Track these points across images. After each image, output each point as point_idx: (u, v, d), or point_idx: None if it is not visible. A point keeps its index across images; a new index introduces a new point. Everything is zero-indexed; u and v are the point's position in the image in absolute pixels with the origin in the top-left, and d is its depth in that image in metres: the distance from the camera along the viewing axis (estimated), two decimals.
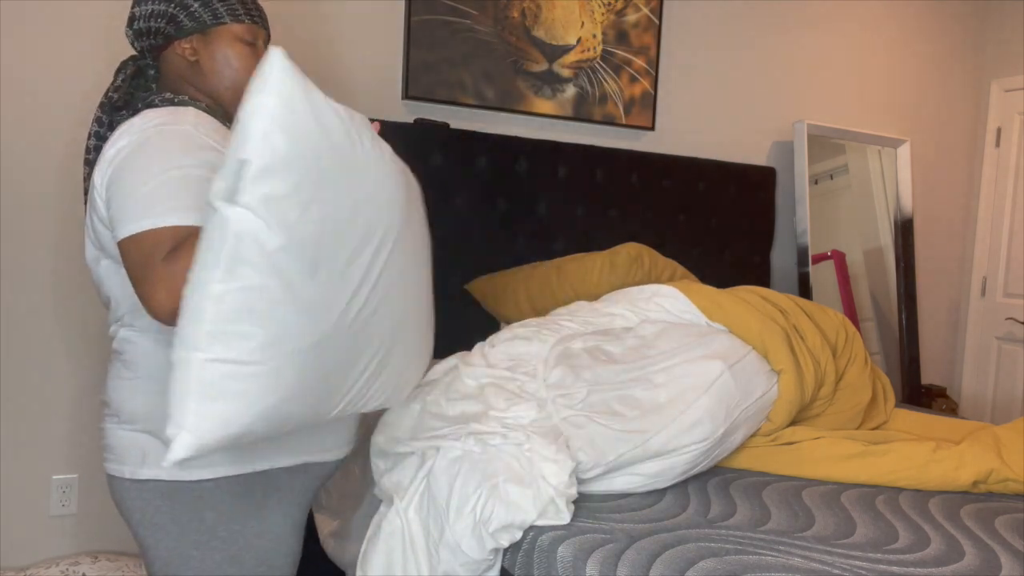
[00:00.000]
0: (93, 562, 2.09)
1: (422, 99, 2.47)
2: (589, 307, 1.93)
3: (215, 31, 1.34)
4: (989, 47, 3.88)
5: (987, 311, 3.89)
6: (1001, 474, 1.65)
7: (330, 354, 1.10)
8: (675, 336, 1.75)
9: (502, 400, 1.54)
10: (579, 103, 2.75)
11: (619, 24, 2.79)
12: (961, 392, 3.98)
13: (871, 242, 3.53)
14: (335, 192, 1.04)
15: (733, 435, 1.65)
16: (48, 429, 2.10)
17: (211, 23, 1.33)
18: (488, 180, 2.54)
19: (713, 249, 3.07)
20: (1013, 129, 3.80)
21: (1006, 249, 3.82)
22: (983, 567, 1.27)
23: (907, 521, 1.46)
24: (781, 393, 1.75)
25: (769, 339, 1.77)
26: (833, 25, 3.41)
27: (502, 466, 1.38)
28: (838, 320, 2.03)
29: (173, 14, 1.32)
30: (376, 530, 1.45)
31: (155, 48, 1.35)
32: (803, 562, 1.23)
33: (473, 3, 2.51)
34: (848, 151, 3.44)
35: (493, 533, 1.32)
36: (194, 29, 1.32)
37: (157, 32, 1.33)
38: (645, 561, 1.22)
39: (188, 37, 1.33)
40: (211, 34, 1.34)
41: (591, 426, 1.51)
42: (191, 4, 1.32)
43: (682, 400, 1.57)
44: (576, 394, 1.56)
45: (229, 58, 1.35)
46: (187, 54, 1.33)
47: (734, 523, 1.41)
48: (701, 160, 3.01)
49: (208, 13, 1.32)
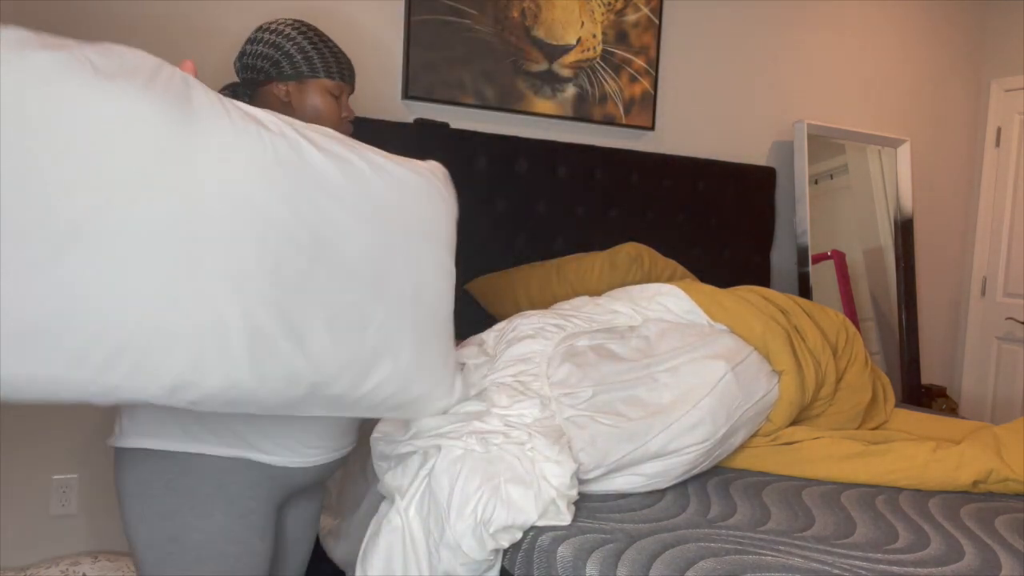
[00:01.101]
0: (93, 562, 2.09)
1: (422, 99, 2.47)
2: (592, 303, 1.92)
3: (309, 82, 1.55)
4: (989, 47, 3.88)
5: (987, 311, 3.89)
6: (1001, 474, 1.65)
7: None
8: (678, 336, 1.75)
9: (505, 397, 1.54)
10: (579, 103, 2.75)
11: (619, 24, 2.79)
12: (961, 392, 3.98)
13: (871, 242, 3.53)
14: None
15: (734, 436, 1.65)
16: (48, 429, 2.10)
17: (307, 74, 1.54)
18: (488, 180, 2.54)
19: (713, 249, 3.07)
20: (1013, 129, 3.80)
21: (1006, 249, 3.82)
22: (983, 567, 1.27)
23: (907, 521, 1.46)
24: (782, 394, 1.75)
25: (771, 340, 1.77)
26: (833, 25, 3.41)
27: (504, 467, 1.38)
28: (839, 320, 2.03)
29: (277, 59, 1.53)
30: (376, 529, 1.45)
31: (255, 82, 1.56)
32: (803, 562, 1.23)
33: (473, 3, 2.51)
34: (848, 151, 3.44)
35: (494, 534, 1.32)
36: (292, 77, 1.53)
37: (260, 70, 1.54)
38: (645, 561, 1.22)
39: (286, 82, 1.54)
40: (306, 83, 1.55)
41: (594, 426, 1.51)
42: (295, 55, 1.53)
43: (686, 401, 1.57)
44: (581, 394, 1.56)
45: (317, 107, 1.56)
46: (282, 95, 1.54)
47: (734, 523, 1.41)
48: (701, 160, 3.01)
49: (307, 66, 1.54)
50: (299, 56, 1.54)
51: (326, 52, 1.56)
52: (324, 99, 1.57)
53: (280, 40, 1.55)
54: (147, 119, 0.96)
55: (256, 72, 1.55)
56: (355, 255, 1.18)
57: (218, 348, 1.03)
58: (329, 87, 1.57)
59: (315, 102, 1.56)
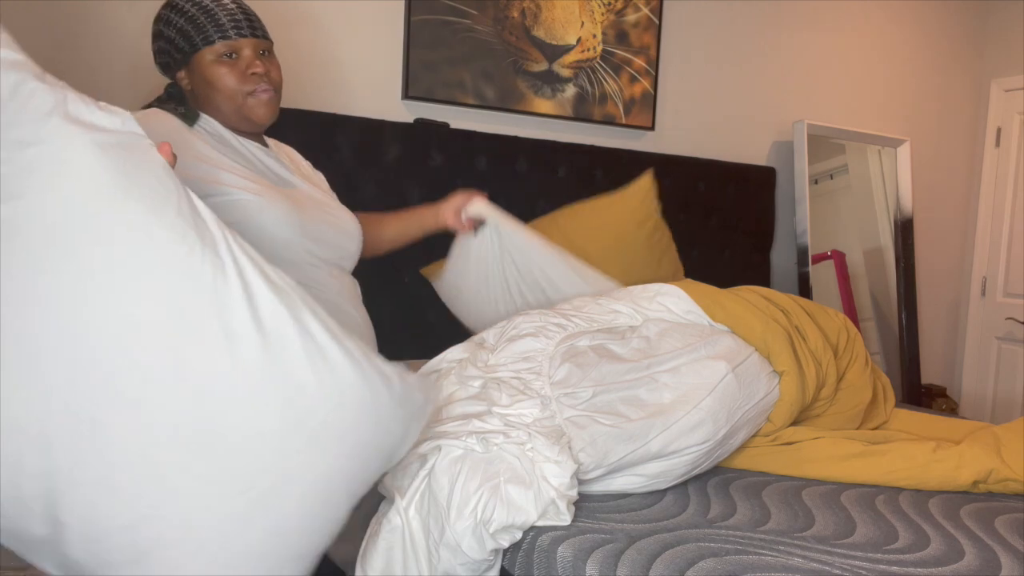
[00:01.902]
0: None
1: (422, 99, 2.47)
2: (593, 302, 1.92)
3: (194, 59, 1.38)
4: (989, 47, 3.88)
5: (987, 311, 3.89)
6: (1001, 474, 1.65)
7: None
8: (679, 336, 1.75)
9: (506, 396, 1.54)
10: (579, 103, 2.75)
11: (619, 24, 2.79)
12: (961, 392, 3.98)
13: (871, 242, 3.53)
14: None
15: (734, 436, 1.65)
16: None
17: (189, 51, 1.37)
18: (488, 180, 2.54)
19: (713, 249, 3.07)
20: (1013, 129, 3.80)
21: (1006, 249, 3.82)
22: (983, 567, 1.27)
23: (907, 521, 1.46)
24: (783, 395, 1.75)
25: (772, 340, 1.77)
26: (833, 25, 3.41)
27: (504, 466, 1.38)
28: (840, 321, 2.03)
29: (164, 48, 1.39)
30: (376, 529, 1.45)
31: (174, 79, 1.45)
32: (803, 562, 1.23)
33: (473, 3, 2.51)
34: (848, 151, 3.44)
35: (494, 534, 1.32)
36: (181, 63, 1.39)
37: (162, 67, 1.43)
38: (645, 561, 1.22)
39: (181, 69, 1.40)
40: (192, 64, 1.39)
41: (594, 427, 1.51)
42: (174, 37, 1.37)
43: (686, 401, 1.57)
44: (581, 394, 1.56)
45: (212, 82, 1.38)
46: (185, 85, 1.42)
47: (734, 523, 1.41)
48: (701, 160, 3.01)
49: (186, 43, 1.36)
50: (176, 36, 1.36)
51: (197, 17, 1.35)
52: (213, 70, 1.37)
53: (159, 28, 1.38)
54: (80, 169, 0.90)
55: (165, 70, 1.42)
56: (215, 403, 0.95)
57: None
58: (218, 52, 1.36)
59: (206, 77, 1.38)
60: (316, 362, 0.97)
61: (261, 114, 1.45)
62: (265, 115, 1.46)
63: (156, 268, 0.91)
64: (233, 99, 1.41)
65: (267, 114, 1.46)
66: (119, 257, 0.90)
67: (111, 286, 0.90)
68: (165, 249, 0.92)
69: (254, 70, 1.39)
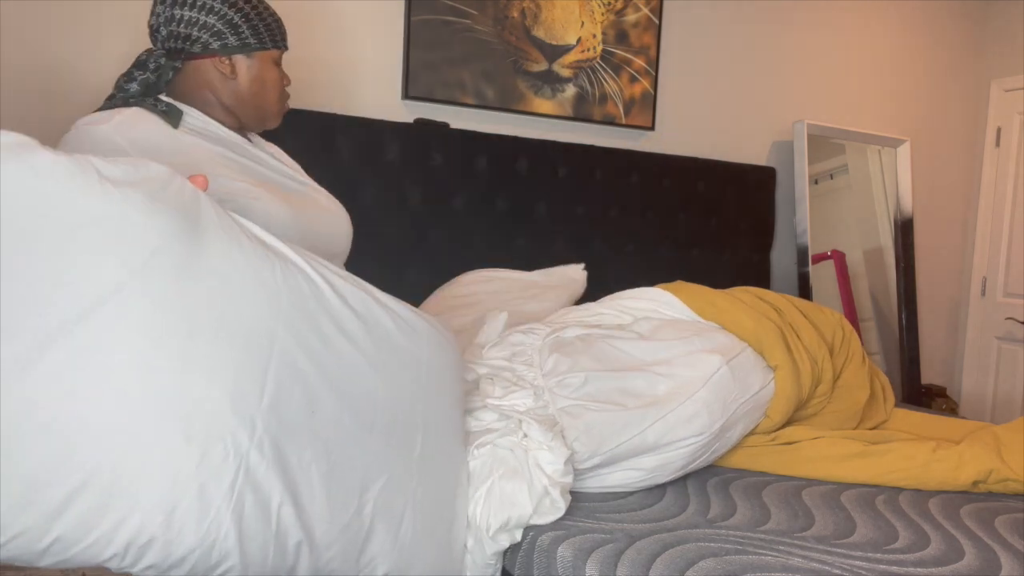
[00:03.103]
0: None
1: (422, 99, 2.47)
2: (575, 309, 1.94)
3: (259, 54, 1.41)
4: (989, 47, 3.88)
5: (987, 311, 3.89)
6: (1001, 474, 1.65)
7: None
8: (672, 331, 1.76)
9: (499, 388, 1.55)
10: (579, 103, 2.75)
11: (619, 24, 2.79)
12: (961, 392, 3.98)
13: (871, 242, 3.53)
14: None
15: (731, 431, 1.66)
16: None
17: (256, 47, 1.39)
18: (488, 180, 2.54)
19: (713, 249, 3.07)
20: (1013, 129, 3.80)
21: (1006, 249, 3.82)
22: (983, 567, 1.27)
23: (907, 521, 1.46)
24: (778, 389, 1.76)
25: (764, 335, 1.78)
26: (833, 25, 3.41)
27: (497, 463, 1.38)
28: (835, 319, 2.04)
29: (220, 30, 1.35)
30: None
31: (184, 54, 1.36)
32: (803, 562, 1.23)
33: (473, 3, 2.51)
34: (848, 151, 3.44)
35: (494, 536, 1.33)
36: (237, 49, 1.37)
37: (195, 40, 1.35)
38: (645, 561, 1.22)
39: (230, 55, 1.38)
40: (255, 57, 1.41)
41: (587, 415, 1.51)
42: (241, 26, 1.36)
43: (681, 393, 1.57)
44: (572, 381, 1.57)
45: (265, 82, 1.43)
46: (225, 70, 1.38)
47: (734, 523, 1.41)
48: (701, 160, 3.01)
49: (255, 38, 1.39)
50: (245, 26, 1.37)
51: (268, 18, 1.42)
52: (273, 72, 1.44)
53: (221, 7, 1.35)
54: (148, 230, 0.88)
55: (189, 42, 1.35)
56: (365, 401, 1.06)
57: (199, 494, 0.87)
58: (275, 57, 1.44)
59: (264, 77, 1.42)
60: (400, 325, 1.15)
61: (279, 120, 1.54)
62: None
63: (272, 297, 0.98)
64: (278, 102, 1.49)
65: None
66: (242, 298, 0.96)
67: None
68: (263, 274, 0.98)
69: (287, 83, 1.50)
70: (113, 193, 0.87)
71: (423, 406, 1.18)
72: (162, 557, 0.87)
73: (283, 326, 0.97)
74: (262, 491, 0.92)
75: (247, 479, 0.91)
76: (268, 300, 0.97)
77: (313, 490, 0.98)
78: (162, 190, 0.92)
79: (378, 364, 1.09)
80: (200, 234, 0.93)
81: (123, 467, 0.84)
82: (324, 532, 0.99)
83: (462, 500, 1.29)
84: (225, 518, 0.89)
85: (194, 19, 1.33)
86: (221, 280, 0.94)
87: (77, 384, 0.83)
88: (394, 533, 1.10)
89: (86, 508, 0.83)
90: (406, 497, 1.12)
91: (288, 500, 0.95)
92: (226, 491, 0.89)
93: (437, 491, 1.20)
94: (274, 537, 0.94)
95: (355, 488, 1.04)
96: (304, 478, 0.97)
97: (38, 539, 0.82)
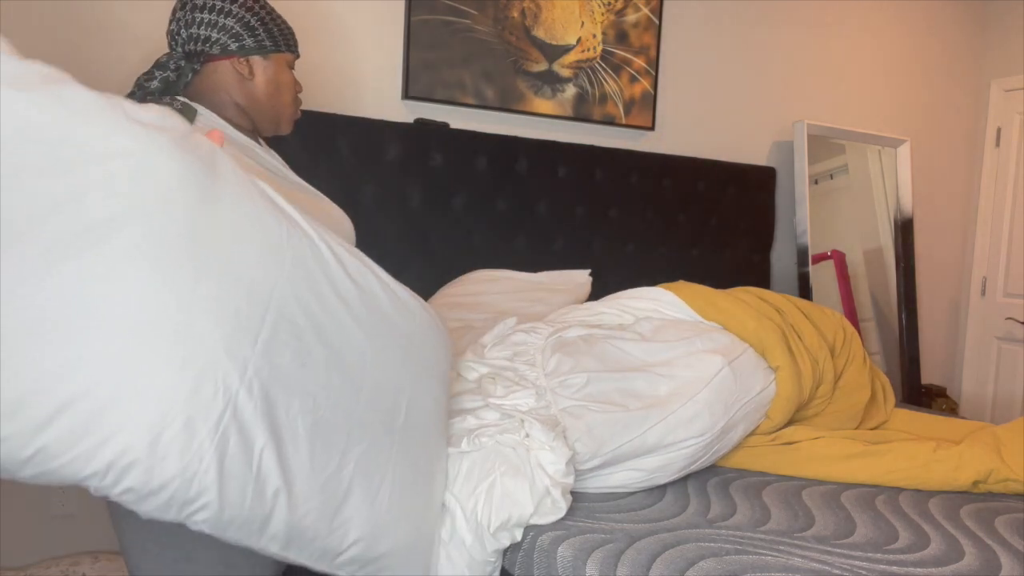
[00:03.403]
0: (93, 562, 2.09)
1: (422, 99, 2.47)
2: (576, 308, 1.94)
3: (275, 56, 1.46)
4: (989, 47, 3.88)
5: (987, 311, 3.89)
6: (1001, 474, 1.65)
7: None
8: (673, 331, 1.76)
9: (501, 388, 1.55)
10: (579, 103, 2.75)
11: (619, 24, 2.79)
12: (961, 392, 3.98)
13: (871, 242, 3.53)
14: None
15: (732, 431, 1.66)
16: None
17: (271, 48, 1.44)
18: (488, 180, 2.54)
19: (713, 249, 3.07)
20: (1013, 129, 3.80)
21: (1006, 249, 3.82)
22: (983, 567, 1.27)
23: (907, 521, 1.46)
24: (779, 390, 1.76)
25: (766, 337, 1.78)
26: (833, 25, 3.41)
27: (499, 460, 1.38)
28: (836, 320, 2.04)
29: (239, 32, 1.41)
30: None
31: (203, 56, 1.41)
32: (803, 562, 1.23)
33: (473, 3, 2.51)
34: (848, 151, 3.44)
35: (494, 533, 1.33)
36: (254, 51, 1.42)
37: (214, 43, 1.40)
38: (645, 561, 1.22)
39: (247, 56, 1.43)
40: (271, 59, 1.46)
41: (589, 415, 1.51)
42: (258, 29, 1.42)
43: (683, 394, 1.57)
44: (574, 381, 1.57)
45: (280, 84, 1.48)
46: (243, 71, 1.43)
47: (734, 523, 1.41)
48: (701, 160, 3.01)
49: (270, 40, 1.44)
50: (261, 28, 1.43)
51: (282, 24, 1.48)
52: (287, 75, 1.49)
53: (238, 10, 1.41)
54: (170, 171, 0.93)
55: (208, 44, 1.40)
56: (354, 363, 1.10)
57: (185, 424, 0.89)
58: (290, 61, 1.49)
59: (279, 79, 1.47)
60: (395, 301, 1.19)
61: (292, 126, 1.57)
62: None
63: (276, 250, 1.02)
64: (291, 105, 1.52)
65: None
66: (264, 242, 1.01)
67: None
68: (271, 230, 1.02)
69: (299, 90, 1.54)
70: (140, 132, 0.92)
71: (410, 382, 1.20)
72: (142, 482, 0.89)
73: (284, 280, 1.01)
74: (247, 433, 0.95)
75: (233, 418, 0.93)
76: (272, 253, 1.01)
77: (297, 441, 1.00)
78: (184, 139, 0.97)
79: (370, 332, 1.13)
80: (216, 183, 0.98)
81: (116, 388, 0.87)
82: (303, 485, 1.02)
83: (439, 486, 1.31)
84: (208, 452, 0.91)
85: (213, 21, 1.39)
86: (231, 228, 0.98)
87: (84, 301, 0.86)
88: (370, 500, 1.12)
89: (75, 422, 0.85)
90: (385, 467, 1.14)
91: (271, 446, 0.97)
92: (212, 426, 0.91)
93: (415, 468, 1.21)
94: (254, 480, 0.96)
95: (338, 447, 1.06)
96: (289, 428, 1.00)
97: (22, 447, 0.84)
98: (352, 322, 1.10)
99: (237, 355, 0.95)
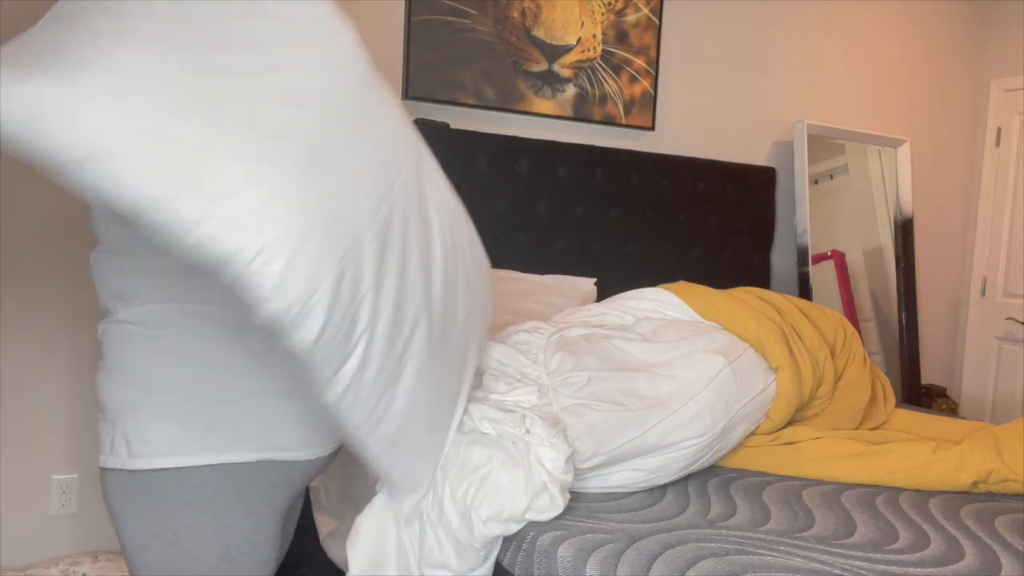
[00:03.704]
0: (93, 562, 2.09)
1: (422, 99, 2.47)
2: (578, 309, 1.94)
3: None
4: (989, 47, 3.88)
5: (987, 311, 3.89)
6: (1001, 474, 1.65)
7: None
8: (674, 332, 1.76)
9: (503, 384, 1.55)
10: (579, 103, 2.75)
11: (619, 24, 2.79)
12: (961, 392, 3.98)
13: (871, 242, 3.53)
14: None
15: (732, 431, 1.66)
16: (48, 429, 2.10)
17: None
18: (488, 180, 2.54)
19: (713, 249, 3.07)
20: (1013, 129, 3.80)
21: (1006, 249, 3.82)
22: (983, 567, 1.27)
23: (907, 521, 1.46)
24: (779, 391, 1.76)
25: (766, 337, 1.78)
26: (833, 25, 3.41)
27: (498, 451, 1.38)
28: (836, 320, 2.04)
29: None
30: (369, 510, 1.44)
31: None
32: (803, 562, 1.23)
33: (473, 3, 2.51)
34: (848, 151, 3.44)
35: (485, 521, 1.32)
36: None
37: None
38: (645, 561, 1.22)
39: None
40: None
41: (590, 414, 1.51)
42: None
43: (683, 394, 1.58)
44: (575, 379, 1.57)
45: None
46: None
47: (734, 523, 1.41)
48: (701, 160, 3.01)
49: None
50: None
51: None
52: None
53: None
54: (358, 59, 1.10)
55: None
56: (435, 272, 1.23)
57: (323, 242, 0.99)
58: None
59: None
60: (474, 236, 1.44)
61: None
62: None
63: (403, 160, 1.18)
64: None
65: None
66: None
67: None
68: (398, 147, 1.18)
69: None
70: (347, 23, 1.09)
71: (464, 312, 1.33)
72: (279, 275, 0.94)
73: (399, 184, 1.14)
74: (360, 271, 1.05)
75: (354, 257, 1.03)
76: (401, 160, 1.15)
77: (387, 299, 1.11)
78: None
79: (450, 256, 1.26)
80: (379, 90, 1.15)
81: (269, 199, 0.94)
82: (378, 344, 1.11)
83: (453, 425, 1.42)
84: (332, 272, 1.00)
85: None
86: (386, 109, 1.14)
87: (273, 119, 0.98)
88: (414, 390, 1.21)
89: (230, 216, 0.92)
90: (429, 371, 1.24)
91: (371, 293, 1.08)
92: (341, 252, 1.01)
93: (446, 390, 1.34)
94: (352, 315, 1.05)
95: (404, 333, 1.17)
96: (386, 286, 1.11)
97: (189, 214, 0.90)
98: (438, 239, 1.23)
99: (364, 213, 1.06)
